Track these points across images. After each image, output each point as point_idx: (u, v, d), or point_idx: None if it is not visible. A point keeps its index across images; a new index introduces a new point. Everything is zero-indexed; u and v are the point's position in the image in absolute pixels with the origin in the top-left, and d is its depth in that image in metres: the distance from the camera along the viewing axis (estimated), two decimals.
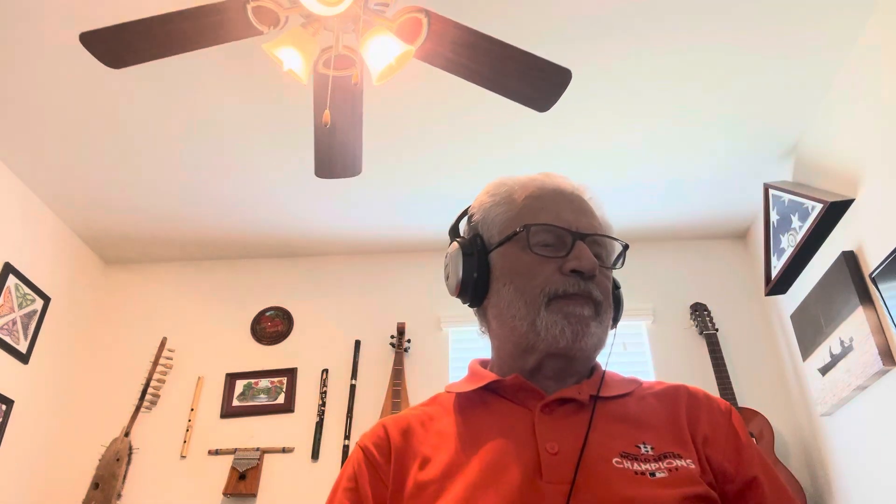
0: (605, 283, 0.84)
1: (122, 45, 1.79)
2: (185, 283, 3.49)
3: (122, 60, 1.84)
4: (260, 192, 3.03)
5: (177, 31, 1.75)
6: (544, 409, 0.78)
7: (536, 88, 1.90)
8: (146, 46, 1.79)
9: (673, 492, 0.68)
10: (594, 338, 0.81)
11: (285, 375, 3.16)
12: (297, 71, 1.70)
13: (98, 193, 3.00)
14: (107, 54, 1.82)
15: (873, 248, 2.22)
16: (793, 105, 2.52)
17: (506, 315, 0.83)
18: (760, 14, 2.13)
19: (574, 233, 0.82)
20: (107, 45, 1.79)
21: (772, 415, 2.80)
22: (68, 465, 2.98)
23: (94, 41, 1.79)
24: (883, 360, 2.12)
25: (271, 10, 1.71)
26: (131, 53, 1.81)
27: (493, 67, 1.84)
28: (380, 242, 3.43)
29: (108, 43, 1.79)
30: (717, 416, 0.80)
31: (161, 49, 1.80)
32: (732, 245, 3.38)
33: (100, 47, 1.80)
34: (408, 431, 0.81)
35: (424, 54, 1.82)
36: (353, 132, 2.11)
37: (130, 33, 1.77)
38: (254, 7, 1.71)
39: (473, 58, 1.81)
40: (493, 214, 0.88)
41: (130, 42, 1.78)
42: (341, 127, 2.07)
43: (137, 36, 1.77)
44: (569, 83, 1.88)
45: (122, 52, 1.81)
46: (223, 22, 1.74)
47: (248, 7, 1.71)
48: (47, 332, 3.04)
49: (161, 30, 1.75)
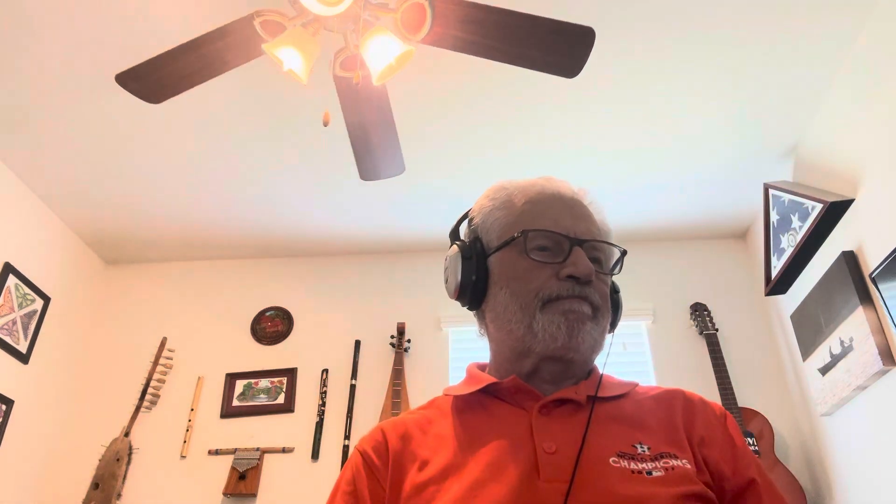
0: (602, 288, 0.84)
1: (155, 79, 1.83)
2: (185, 283, 3.49)
3: (161, 95, 1.88)
4: (260, 193, 3.03)
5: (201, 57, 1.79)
6: (542, 410, 0.78)
7: (559, 54, 1.77)
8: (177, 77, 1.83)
9: (670, 490, 0.68)
10: (591, 338, 0.81)
11: (285, 375, 3.16)
12: (297, 71, 1.70)
13: (98, 193, 3.00)
14: (144, 91, 1.86)
15: (873, 248, 2.22)
16: (793, 105, 2.52)
17: (502, 318, 0.84)
18: (760, 14, 2.13)
19: (572, 238, 0.82)
20: (142, 81, 1.84)
21: (772, 415, 2.80)
22: (68, 465, 2.98)
23: (129, 80, 1.83)
24: (883, 360, 2.12)
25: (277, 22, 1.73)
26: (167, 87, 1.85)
27: (507, 40, 1.74)
28: (380, 242, 3.43)
29: (143, 79, 1.83)
30: (713, 420, 0.81)
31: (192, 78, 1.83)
32: (732, 245, 3.38)
33: (136, 85, 1.85)
34: (406, 435, 0.81)
35: (434, 39, 1.76)
36: (386, 130, 2.07)
37: (160, 66, 1.80)
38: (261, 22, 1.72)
39: (485, 33, 1.74)
40: (493, 218, 0.89)
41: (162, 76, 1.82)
42: (372, 127, 2.05)
43: (167, 68, 1.81)
44: (593, 42, 1.75)
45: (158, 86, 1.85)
46: (237, 42, 1.77)
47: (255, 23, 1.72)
48: (47, 332, 3.04)
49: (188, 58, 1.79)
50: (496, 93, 2.46)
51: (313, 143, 2.72)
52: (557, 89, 2.43)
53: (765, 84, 2.42)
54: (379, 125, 2.06)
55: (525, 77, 2.38)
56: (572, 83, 2.39)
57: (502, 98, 2.49)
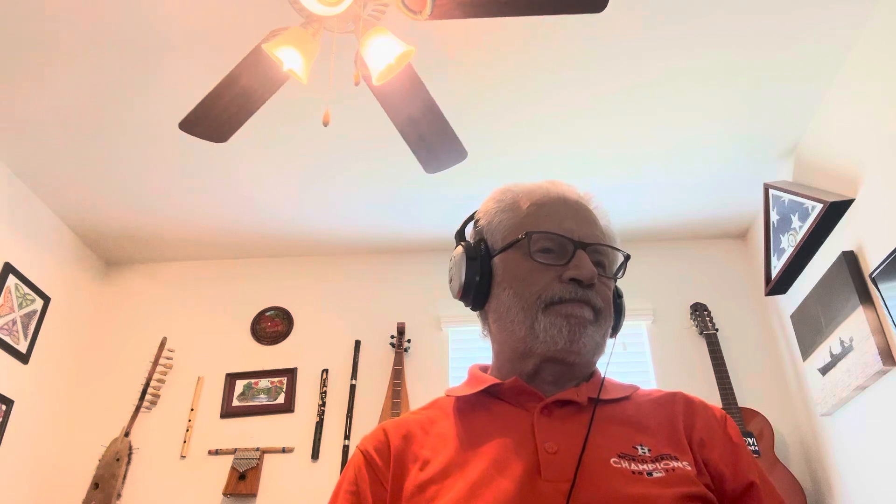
0: (605, 291, 0.85)
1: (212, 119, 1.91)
2: (185, 283, 3.49)
3: (225, 134, 1.96)
4: (260, 192, 3.03)
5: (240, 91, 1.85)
6: (543, 411, 0.79)
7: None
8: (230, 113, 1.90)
9: (670, 490, 0.69)
10: (592, 341, 0.81)
11: (285, 375, 3.16)
12: (297, 71, 1.70)
13: (98, 193, 3.00)
14: (209, 133, 1.95)
15: (873, 248, 2.22)
16: (793, 105, 2.52)
17: (505, 319, 0.84)
18: (760, 14, 2.13)
19: (576, 241, 0.83)
20: (203, 125, 1.91)
21: (772, 415, 2.80)
22: (68, 465, 2.98)
23: (191, 126, 1.92)
24: (883, 360, 2.12)
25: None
26: (225, 126, 1.92)
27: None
28: (380, 242, 3.43)
29: (202, 122, 1.91)
30: (713, 422, 0.81)
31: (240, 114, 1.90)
32: (732, 245, 3.38)
33: (199, 129, 1.92)
34: (408, 435, 0.82)
35: (443, 12, 1.67)
36: (434, 118, 2.03)
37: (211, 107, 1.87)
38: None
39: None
40: (498, 220, 0.89)
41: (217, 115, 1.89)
42: (417, 119, 2.03)
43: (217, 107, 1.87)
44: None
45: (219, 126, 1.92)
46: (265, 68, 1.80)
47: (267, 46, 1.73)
48: (47, 332, 3.04)
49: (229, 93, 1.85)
50: (499, 95, 2.46)
51: (313, 144, 2.72)
52: (558, 91, 2.43)
53: (765, 84, 2.42)
54: (426, 116, 2.02)
55: (524, 79, 2.39)
56: (572, 84, 2.40)
57: (503, 100, 2.49)
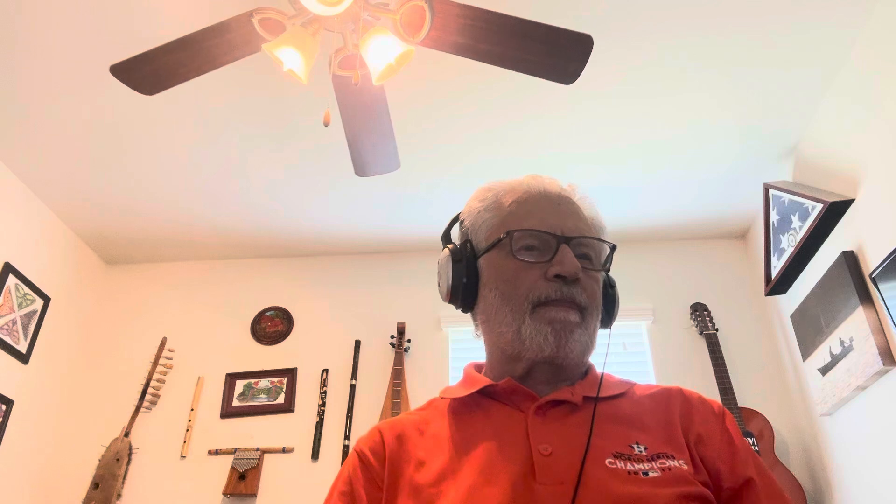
0: (591, 285, 0.83)
1: (150, 71, 1.86)
2: (185, 283, 3.49)
3: (155, 87, 1.90)
4: (260, 192, 3.03)
5: (198, 52, 1.80)
6: (537, 412, 0.78)
7: (557, 60, 1.79)
8: (172, 70, 1.86)
9: (667, 490, 0.68)
10: (580, 344, 0.80)
11: (285, 375, 3.16)
12: (297, 71, 1.70)
13: (98, 193, 3.00)
14: (139, 83, 1.89)
15: (873, 248, 2.22)
16: (793, 105, 2.52)
17: (493, 321, 0.84)
18: (760, 14, 2.13)
19: (558, 236, 0.82)
20: (137, 74, 1.87)
21: (772, 415, 2.80)
22: (68, 465, 2.98)
23: (123, 71, 1.86)
24: (883, 360, 2.12)
25: (277, 21, 1.73)
26: (161, 79, 1.88)
27: (506, 45, 1.75)
28: (379, 242, 3.43)
29: (137, 72, 1.86)
30: (711, 417, 0.80)
31: (187, 71, 1.85)
32: (732, 245, 3.38)
33: (131, 77, 1.87)
34: (403, 436, 0.81)
35: (433, 42, 1.77)
36: (382, 129, 2.09)
37: (155, 59, 1.83)
38: (260, 20, 1.73)
39: (484, 38, 1.74)
40: (481, 220, 0.88)
41: (157, 68, 1.85)
42: (367, 124, 2.06)
43: (162, 60, 1.83)
44: (591, 50, 1.77)
45: (152, 78, 1.88)
46: (235, 39, 1.78)
47: (253, 20, 1.72)
48: (47, 332, 3.04)
49: (184, 52, 1.80)
50: (495, 94, 2.46)
51: (313, 143, 2.72)
52: (557, 91, 2.43)
53: (765, 84, 2.42)
54: (374, 122, 2.06)
55: (524, 79, 2.39)
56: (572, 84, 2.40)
57: (502, 99, 2.49)
